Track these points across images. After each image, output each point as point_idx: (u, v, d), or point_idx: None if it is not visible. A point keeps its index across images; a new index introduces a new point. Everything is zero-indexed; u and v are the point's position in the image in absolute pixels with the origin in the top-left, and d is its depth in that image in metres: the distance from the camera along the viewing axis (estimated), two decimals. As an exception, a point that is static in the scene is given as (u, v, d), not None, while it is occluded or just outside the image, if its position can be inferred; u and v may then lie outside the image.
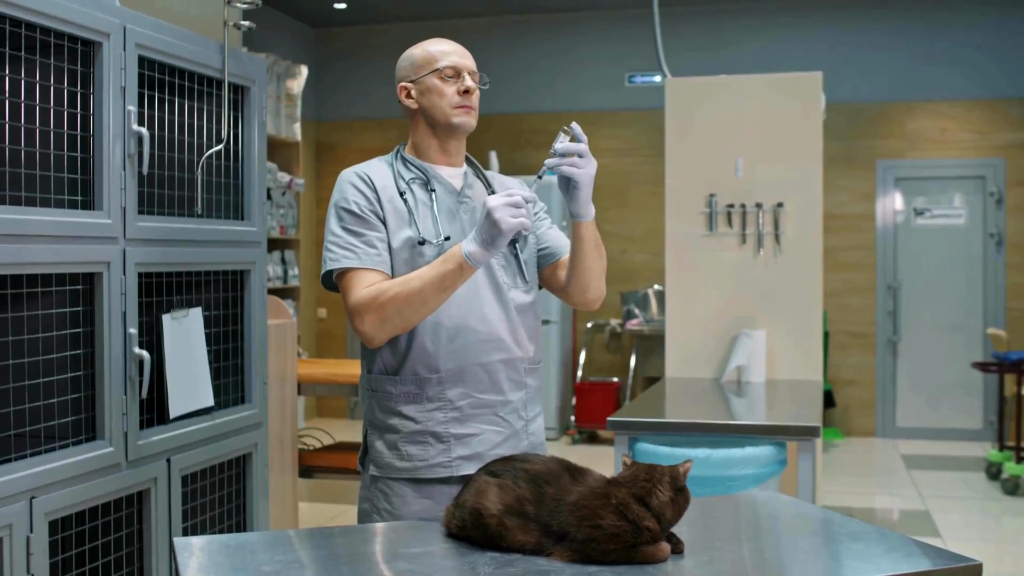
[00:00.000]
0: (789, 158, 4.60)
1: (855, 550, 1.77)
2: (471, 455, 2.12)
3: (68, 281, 2.28)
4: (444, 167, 2.22)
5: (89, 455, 2.27)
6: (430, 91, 2.16)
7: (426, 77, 2.17)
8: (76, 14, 2.22)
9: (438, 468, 2.11)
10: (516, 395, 2.18)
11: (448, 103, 2.16)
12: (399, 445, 2.13)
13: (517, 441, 2.18)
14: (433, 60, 2.17)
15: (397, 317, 2.04)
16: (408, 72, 2.20)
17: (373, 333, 2.06)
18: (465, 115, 2.17)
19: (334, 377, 4.94)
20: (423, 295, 2.01)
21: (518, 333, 2.18)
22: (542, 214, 2.34)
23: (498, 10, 8.85)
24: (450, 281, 2.01)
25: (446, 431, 2.12)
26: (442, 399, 2.12)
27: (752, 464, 3.29)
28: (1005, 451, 6.71)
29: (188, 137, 2.70)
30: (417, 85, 2.18)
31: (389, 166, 2.21)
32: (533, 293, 2.25)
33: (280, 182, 7.27)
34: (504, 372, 2.15)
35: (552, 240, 2.31)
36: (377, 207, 2.13)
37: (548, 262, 2.29)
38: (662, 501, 1.61)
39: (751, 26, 8.49)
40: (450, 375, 2.11)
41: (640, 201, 8.65)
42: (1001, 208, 8.20)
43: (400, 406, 2.13)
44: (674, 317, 4.73)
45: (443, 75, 2.16)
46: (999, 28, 8.16)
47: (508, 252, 2.20)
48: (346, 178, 2.17)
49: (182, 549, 1.75)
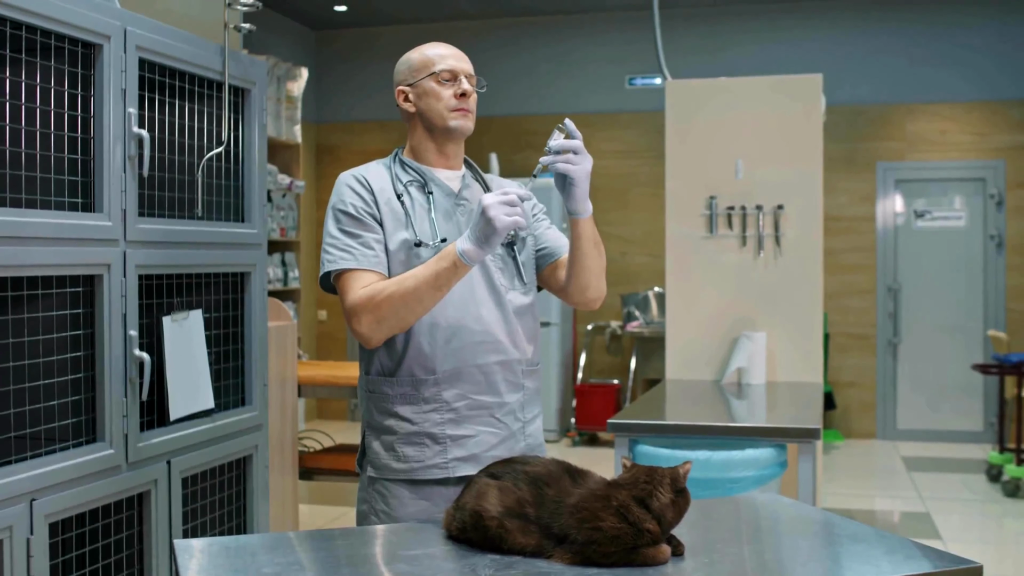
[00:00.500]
0: (789, 160, 4.60)
1: (855, 552, 1.77)
2: (467, 456, 2.12)
3: (68, 283, 2.28)
4: (442, 170, 2.23)
5: (89, 457, 2.27)
6: (427, 94, 2.17)
7: (423, 81, 2.17)
8: (76, 16, 2.22)
9: (434, 469, 2.12)
10: (513, 397, 2.18)
11: (445, 106, 2.16)
12: (395, 446, 2.13)
13: (514, 443, 2.18)
14: (430, 64, 2.18)
15: (393, 317, 2.04)
16: (405, 76, 2.21)
17: (370, 333, 2.06)
18: (462, 118, 2.18)
19: (334, 379, 4.94)
20: (418, 293, 2.01)
21: (516, 335, 2.18)
22: (540, 215, 2.34)
23: (498, 12, 8.85)
24: (444, 279, 2.01)
25: (442, 432, 2.12)
26: (438, 400, 2.12)
27: (752, 466, 3.29)
28: (1005, 453, 6.71)
29: (188, 139, 2.70)
30: (414, 89, 2.19)
31: (387, 169, 2.22)
32: (531, 295, 2.25)
33: (280, 184, 7.27)
34: (501, 374, 2.16)
35: (551, 240, 2.31)
36: (374, 209, 2.14)
37: (547, 262, 2.30)
38: (662, 503, 1.61)
39: (751, 28, 8.49)
40: (446, 376, 2.12)
41: (640, 203, 8.65)
42: (1001, 210, 8.20)
43: (396, 407, 2.14)
44: (674, 319, 4.73)
45: (440, 78, 2.16)
46: (999, 30, 8.17)
47: (506, 254, 2.21)
48: (343, 181, 2.18)
49: (182, 551, 1.75)
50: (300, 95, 7.62)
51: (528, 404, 2.23)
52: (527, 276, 2.24)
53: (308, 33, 9.32)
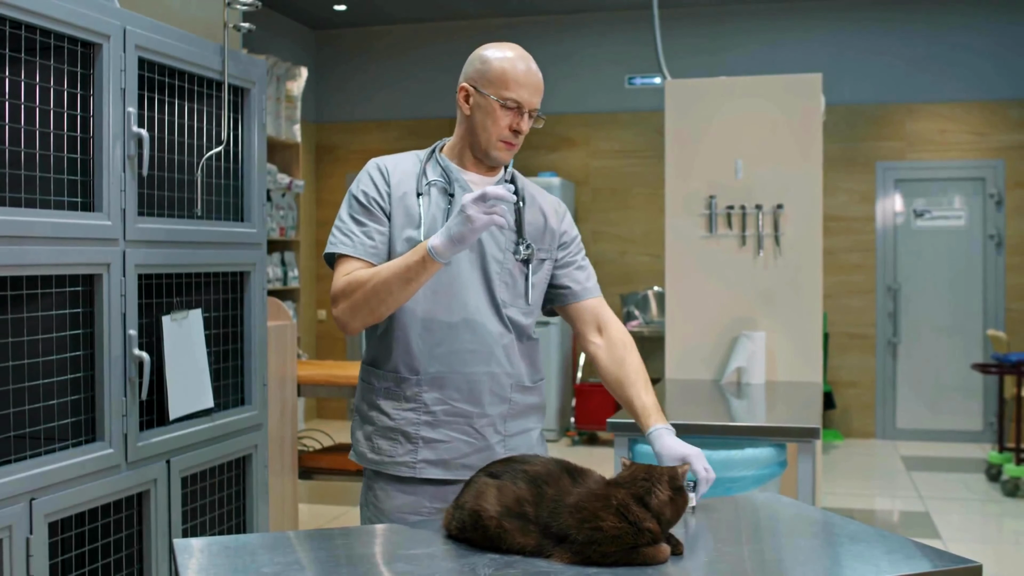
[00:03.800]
0: (789, 160, 4.60)
1: (855, 552, 1.77)
2: (436, 460, 2.13)
3: (68, 283, 2.28)
4: (474, 174, 2.19)
5: (89, 456, 2.27)
6: (485, 111, 2.11)
7: (490, 96, 2.10)
8: (76, 16, 2.22)
9: (402, 467, 2.14)
10: (496, 409, 2.16)
11: (496, 134, 2.12)
12: (372, 437, 2.17)
13: (490, 454, 2.14)
14: (506, 86, 2.09)
15: (365, 306, 2.04)
16: (476, 78, 2.13)
17: (345, 319, 2.07)
18: (506, 150, 2.14)
19: (334, 378, 4.94)
20: (388, 285, 2.01)
21: (509, 349, 2.16)
22: (576, 251, 2.29)
23: (498, 12, 8.85)
24: (414, 273, 1.98)
25: (416, 432, 2.13)
26: (418, 401, 2.13)
27: (752, 466, 3.29)
28: (1005, 452, 6.71)
29: (188, 139, 2.70)
30: (478, 95, 2.12)
31: (419, 163, 2.19)
32: (532, 316, 2.22)
33: (280, 184, 7.27)
34: (486, 385, 2.14)
35: (577, 282, 2.27)
36: (385, 202, 2.13)
37: (567, 302, 2.26)
38: (661, 501, 1.62)
39: (751, 28, 8.49)
40: (429, 379, 2.12)
41: (640, 203, 8.65)
42: (1001, 210, 8.20)
43: (379, 400, 2.16)
44: (674, 319, 4.73)
45: (506, 104, 2.10)
46: (998, 30, 8.17)
47: (514, 270, 2.18)
48: (367, 167, 2.19)
49: (182, 551, 1.75)
50: (300, 95, 7.61)
51: (513, 418, 2.19)
52: (533, 297, 2.21)
53: (308, 33, 9.32)
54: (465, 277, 2.13)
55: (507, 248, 2.17)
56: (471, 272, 2.14)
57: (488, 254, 2.15)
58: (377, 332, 2.18)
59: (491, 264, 2.15)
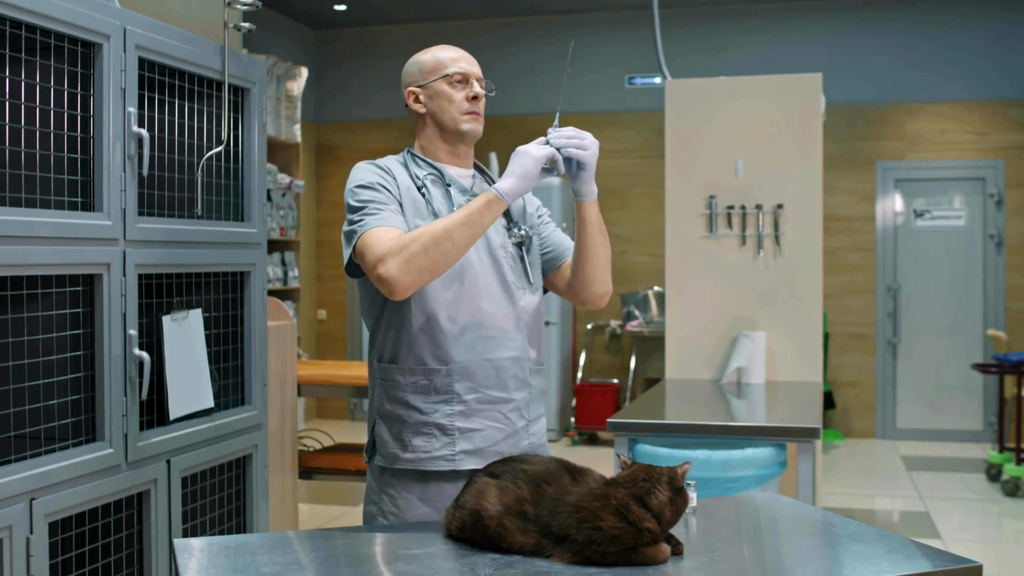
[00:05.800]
0: (789, 160, 4.60)
1: (855, 551, 1.77)
2: (473, 450, 2.12)
3: (68, 282, 2.28)
4: (454, 167, 2.24)
5: (89, 456, 2.27)
6: (439, 96, 2.19)
7: (435, 82, 2.18)
8: (76, 16, 2.22)
9: (441, 461, 2.12)
10: (520, 394, 2.19)
11: (457, 109, 2.18)
12: (403, 435, 2.13)
13: (517, 440, 2.18)
14: (442, 66, 2.19)
15: (423, 257, 1.95)
16: (416, 77, 2.22)
17: (399, 275, 1.95)
18: (473, 121, 2.20)
19: (334, 378, 4.94)
20: (449, 232, 1.97)
21: (525, 333, 2.20)
22: (545, 217, 2.36)
23: (498, 12, 8.85)
24: (477, 215, 1.99)
25: (451, 424, 2.12)
26: (449, 392, 2.12)
27: (752, 466, 3.29)
28: (1005, 452, 6.71)
29: (188, 139, 2.70)
30: (425, 90, 2.20)
31: (402, 165, 2.22)
32: (538, 295, 2.26)
33: (280, 183, 7.27)
34: (511, 370, 2.17)
35: (556, 243, 2.32)
36: (395, 191, 2.13)
37: (553, 266, 2.31)
38: (661, 501, 1.62)
39: (751, 28, 8.49)
40: (459, 368, 2.12)
41: (640, 203, 8.65)
42: (1001, 209, 8.20)
43: (407, 396, 2.14)
44: (674, 318, 4.73)
45: (452, 81, 2.18)
46: (998, 30, 8.17)
47: (515, 253, 2.22)
48: (360, 166, 2.18)
49: (182, 550, 1.75)
50: (300, 94, 7.61)
51: (533, 403, 2.24)
52: (534, 276, 2.25)
53: (308, 32, 9.32)
54: (478, 264, 2.15)
55: (503, 234, 2.22)
56: (483, 259, 2.16)
57: (493, 242, 2.19)
58: (393, 328, 2.16)
59: (497, 250, 2.19)
